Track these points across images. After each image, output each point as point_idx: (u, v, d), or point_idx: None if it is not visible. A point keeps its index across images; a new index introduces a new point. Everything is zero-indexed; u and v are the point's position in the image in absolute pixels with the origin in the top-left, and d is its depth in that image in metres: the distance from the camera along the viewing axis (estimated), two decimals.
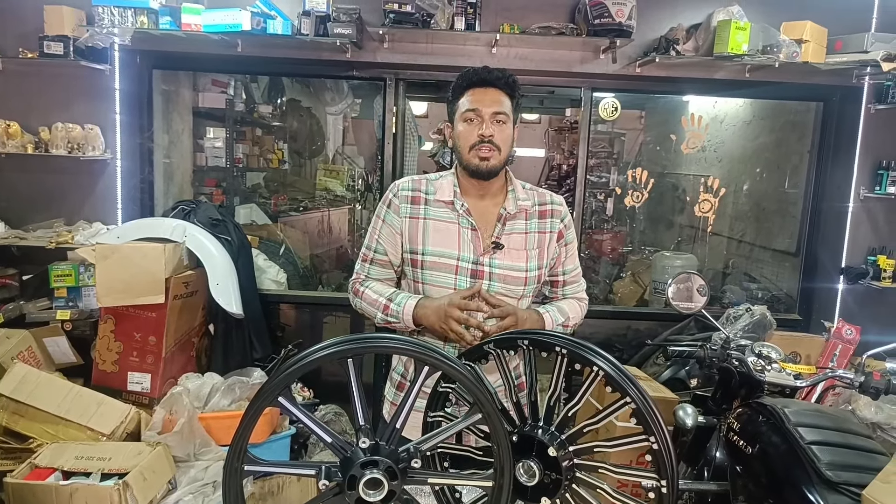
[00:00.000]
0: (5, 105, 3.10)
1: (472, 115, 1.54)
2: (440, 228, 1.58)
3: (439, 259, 1.56)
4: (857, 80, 3.17)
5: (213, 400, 2.57)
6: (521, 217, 1.62)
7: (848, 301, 3.37)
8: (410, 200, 1.61)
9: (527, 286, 1.60)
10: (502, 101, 1.56)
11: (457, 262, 1.56)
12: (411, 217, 1.60)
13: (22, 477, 2.10)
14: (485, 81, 1.56)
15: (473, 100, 1.55)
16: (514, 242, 1.59)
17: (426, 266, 1.57)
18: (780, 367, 1.74)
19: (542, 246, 1.63)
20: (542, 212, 1.64)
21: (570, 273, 1.71)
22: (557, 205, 1.66)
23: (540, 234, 1.63)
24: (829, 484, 1.39)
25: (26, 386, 2.36)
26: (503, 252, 1.58)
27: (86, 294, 2.89)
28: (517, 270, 1.58)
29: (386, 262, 1.65)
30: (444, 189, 1.61)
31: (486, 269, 1.56)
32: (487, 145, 1.53)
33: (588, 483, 1.21)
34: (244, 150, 4.27)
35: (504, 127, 1.56)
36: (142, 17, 2.81)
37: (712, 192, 3.54)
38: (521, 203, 1.62)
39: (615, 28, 2.86)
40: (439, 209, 1.60)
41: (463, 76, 1.59)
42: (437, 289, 1.57)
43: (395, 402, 1.70)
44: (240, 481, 1.12)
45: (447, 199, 1.59)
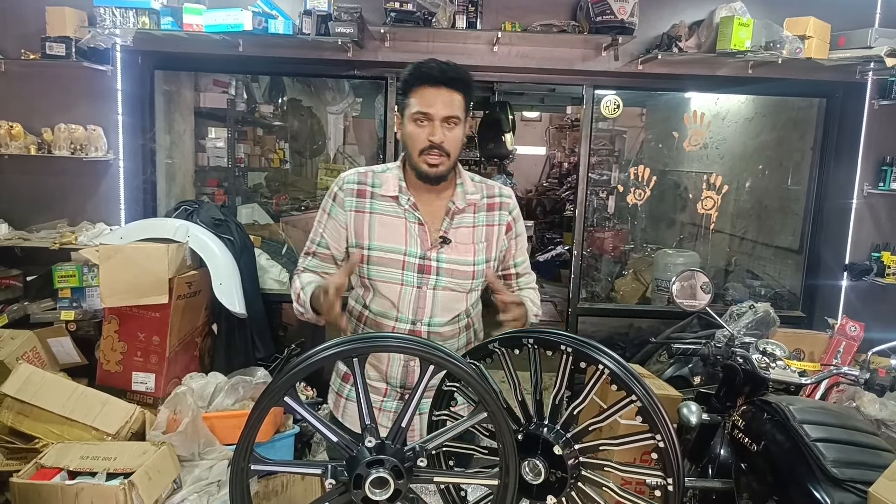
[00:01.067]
0: (8, 106, 3.10)
1: (423, 117, 1.49)
2: (386, 223, 1.55)
3: (385, 254, 1.54)
4: (861, 76, 3.16)
5: (217, 399, 2.57)
6: (470, 211, 1.59)
7: (852, 298, 3.36)
8: (356, 194, 1.57)
9: (475, 280, 1.58)
10: (454, 103, 1.49)
11: (404, 256, 1.53)
12: (357, 211, 1.57)
13: (28, 477, 2.11)
14: (437, 81, 1.48)
15: (425, 102, 1.48)
16: (462, 237, 1.57)
17: (372, 261, 1.55)
18: (784, 365, 1.73)
19: (491, 239, 1.61)
20: (491, 205, 1.62)
21: (521, 265, 1.70)
22: (506, 197, 1.64)
23: (488, 227, 1.61)
24: (835, 481, 1.39)
25: (31, 386, 2.36)
26: (450, 246, 1.55)
27: (90, 294, 2.90)
28: (465, 265, 1.56)
29: (328, 255, 1.62)
30: (389, 183, 1.57)
31: (434, 264, 1.54)
32: (437, 151, 1.49)
33: (594, 481, 1.21)
34: (245, 150, 4.27)
35: (455, 130, 1.51)
36: (143, 17, 2.81)
37: (715, 190, 3.53)
38: (470, 197, 1.59)
39: (617, 25, 2.85)
40: (385, 203, 1.56)
41: (414, 71, 1.51)
42: (385, 284, 1.55)
43: (340, 394, 1.67)
44: (247, 480, 1.12)
45: (392, 193, 1.55)
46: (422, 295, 1.54)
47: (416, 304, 1.54)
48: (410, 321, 1.55)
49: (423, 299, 1.55)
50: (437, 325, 1.57)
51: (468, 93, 1.54)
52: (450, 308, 1.57)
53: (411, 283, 1.54)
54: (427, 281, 1.54)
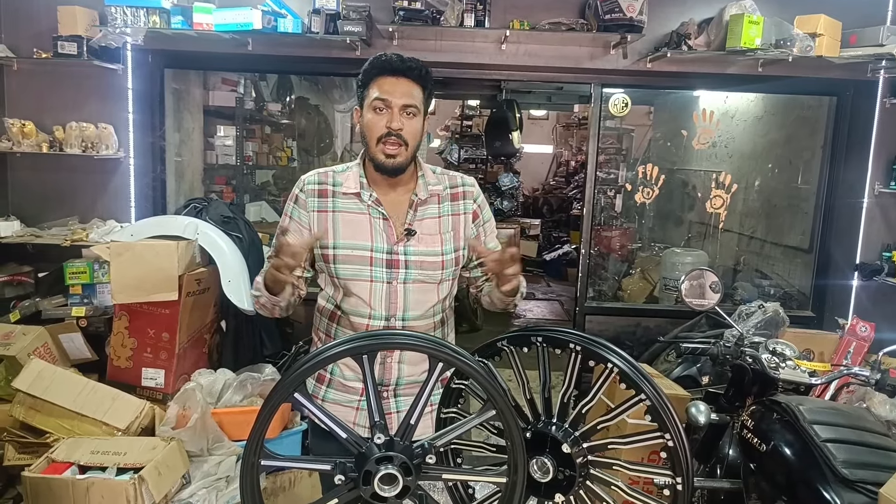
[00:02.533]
0: (20, 105, 3.13)
1: (382, 104, 1.48)
2: (349, 220, 1.54)
3: (352, 252, 1.53)
4: (872, 74, 3.13)
5: (226, 396, 2.59)
6: (434, 202, 1.59)
7: (862, 298, 3.34)
8: (318, 194, 1.57)
9: (444, 270, 1.57)
10: (413, 93, 1.49)
11: (370, 252, 1.52)
12: (319, 211, 1.56)
13: (39, 471, 2.13)
14: (396, 70, 1.48)
15: (383, 90, 1.48)
16: (428, 227, 1.56)
17: (339, 260, 1.54)
18: (794, 365, 1.72)
19: (458, 228, 1.60)
20: (455, 194, 1.62)
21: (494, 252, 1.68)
22: (469, 186, 1.64)
23: (454, 217, 1.60)
24: (845, 482, 1.38)
25: (42, 381, 2.38)
26: (417, 238, 1.54)
27: (100, 291, 2.92)
28: (433, 255, 1.55)
29: None
30: (350, 181, 1.56)
31: (402, 258, 1.53)
32: (395, 139, 1.48)
33: (602, 480, 1.21)
34: (254, 148, 4.30)
35: (414, 120, 1.50)
36: (154, 16, 2.83)
37: (724, 188, 3.51)
38: (432, 188, 1.58)
39: (626, 23, 2.84)
40: (347, 201, 1.56)
41: (374, 62, 1.52)
42: (354, 282, 1.54)
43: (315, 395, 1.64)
44: (257, 476, 1.12)
45: (354, 190, 1.55)
46: (393, 290, 1.53)
47: (388, 299, 1.53)
48: (384, 317, 1.54)
49: (394, 294, 1.53)
50: (411, 318, 1.55)
51: (427, 87, 1.53)
52: (422, 301, 1.56)
53: (381, 279, 1.53)
54: (396, 275, 1.53)
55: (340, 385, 1.62)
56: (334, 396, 1.61)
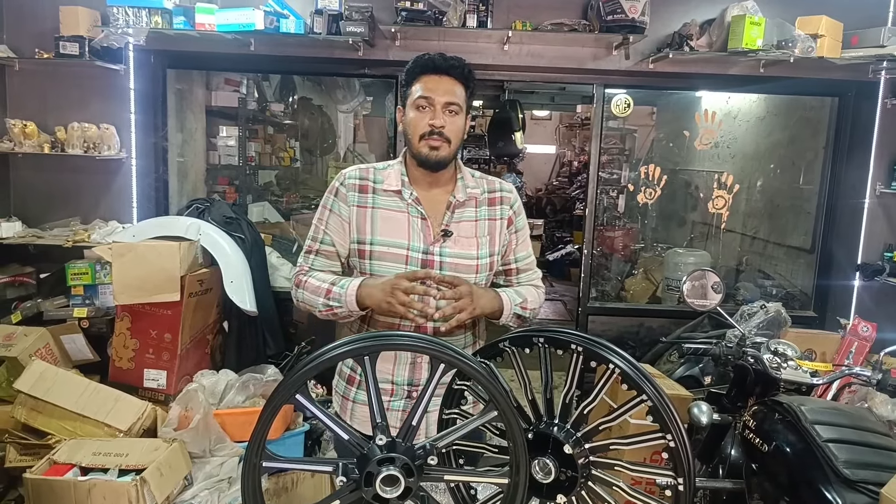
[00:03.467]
0: (22, 105, 3.14)
1: (425, 102, 1.50)
2: (388, 218, 1.55)
3: (388, 249, 1.53)
4: (874, 75, 3.13)
5: (228, 397, 2.59)
6: (471, 205, 1.59)
7: (864, 298, 3.33)
8: (358, 189, 1.57)
9: (478, 274, 1.57)
10: (456, 91, 1.51)
11: (406, 251, 1.53)
12: (359, 206, 1.56)
13: (41, 473, 2.13)
14: (439, 69, 1.51)
15: (427, 87, 1.50)
16: (464, 230, 1.57)
17: (374, 256, 1.54)
18: (796, 365, 1.72)
19: (493, 233, 1.60)
20: (492, 199, 1.62)
21: (523, 260, 1.69)
22: (507, 192, 1.64)
23: (490, 221, 1.61)
24: (847, 482, 1.38)
25: (44, 383, 2.39)
26: (453, 240, 1.55)
27: (102, 292, 2.92)
28: (468, 258, 1.56)
29: (332, 252, 1.60)
30: (391, 178, 1.57)
31: (437, 259, 1.54)
32: (437, 136, 1.50)
33: (604, 480, 1.21)
34: (256, 149, 4.30)
35: (456, 118, 1.52)
36: (156, 17, 2.83)
37: (726, 189, 3.51)
38: (471, 191, 1.59)
39: (628, 24, 2.84)
40: (388, 198, 1.56)
41: (417, 61, 1.54)
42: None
43: (346, 397, 1.67)
44: (258, 477, 1.13)
45: (395, 188, 1.56)
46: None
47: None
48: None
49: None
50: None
51: (469, 86, 1.55)
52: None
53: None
54: None
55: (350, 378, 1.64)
56: (364, 398, 1.63)
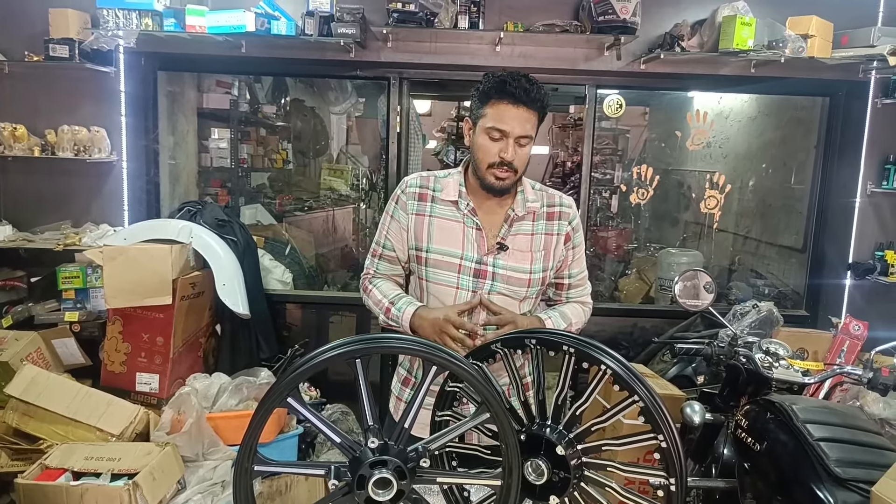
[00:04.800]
0: (11, 108, 3.11)
1: (498, 134, 1.49)
2: (444, 227, 1.58)
3: (442, 258, 1.56)
4: (864, 75, 3.15)
5: (221, 400, 2.58)
6: (529, 219, 1.61)
7: (855, 297, 3.35)
8: (418, 197, 1.61)
9: (530, 288, 1.59)
10: (530, 122, 1.50)
11: (460, 260, 1.56)
12: (417, 214, 1.60)
13: (33, 478, 2.11)
14: (519, 100, 1.47)
15: (503, 117, 1.48)
16: (520, 244, 1.58)
17: (430, 263, 1.58)
18: (787, 364, 1.73)
19: (549, 248, 1.61)
20: (551, 213, 1.63)
21: (575, 276, 1.70)
22: (567, 207, 1.65)
23: (547, 236, 1.62)
24: (838, 481, 1.38)
25: (35, 387, 2.37)
26: (507, 253, 1.57)
27: (94, 295, 2.91)
28: (521, 272, 1.57)
29: (394, 258, 1.65)
30: (450, 188, 1.59)
31: (490, 269, 1.56)
32: (506, 167, 1.51)
33: (596, 481, 1.22)
34: (249, 151, 4.28)
35: (526, 149, 1.53)
36: (146, 19, 2.82)
37: (718, 189, 3.53)
38: (530, 205, 1.60)
39: (619, 25, 2.85)
40: (445, 207, 1.59)
41: (498, 85, 1.48)
42: (440, 287, 1.58)
43: (400, 398, 1.71)
44: (250, 481, 1.12)
45: (452, 198, 1.58)
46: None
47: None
48: None
49: None
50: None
51: (543, 113, 1.54)
52: None
53: (466, 287, 1.56)
54: (482, 286, 1.55)
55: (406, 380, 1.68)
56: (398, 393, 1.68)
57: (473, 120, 1.56)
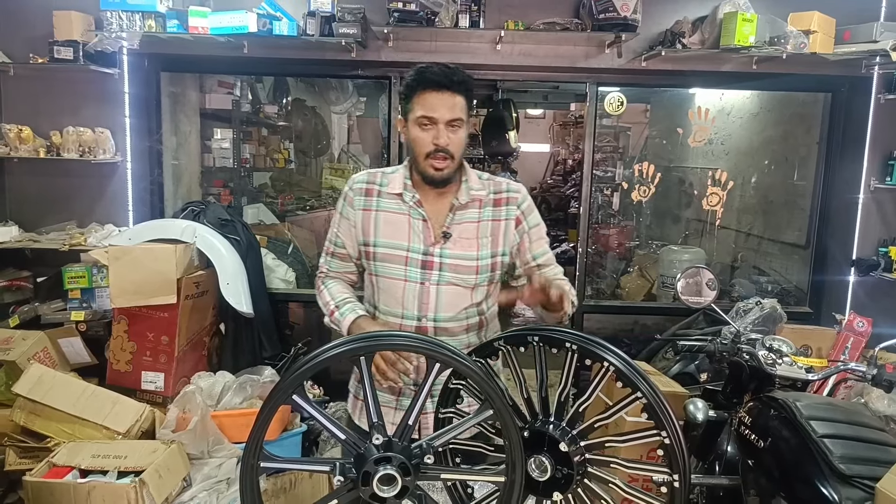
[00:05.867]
0: (17, 110, 3.13)
1: (428, 122, 1.51)
2: (390, 220, 1.59)
3: (389, 251, 1.58)
4: (867, 70, 3.14)
5: (226, 398, 2.59)
6: (475, 206, 1.61)
7: (859, 293, 3.35)
8: (365, 193, 1.62)
9: (479, 275, 1.59)
10: (458, 106, 1.52)
11: (407, 253, 1.56)
12: (364, 209, 1.61)
13: (40, 475, 2.13)
14: (441, 85, 1.50)
15: (429, 105, 1.50)
16: (465, 231, 1.59)
17: (378, 258, 1.59)
18: (791, 361, 1.73)
19: (497, 234, 1.61)
20: (498, 200, 1.63)
21: (542, 257, 1.67)
22: (514, 192, 1.64)
23: (494, 222, 1.61)
24: (842, 477, 1.39)
25: (42, 386, 2.39)
26: (453, 242, 1.57)
27: (99, 295, 2.93)
28: (468, 259, 1.57)
29: (345, 255, 1.67)
30: (395, 182, 1.61)
31: (437, 260, 1.56)
32: (442, 154, 1.52)
33: (600, 478, 1.22)
34: (251, 151, 4.29)
35: (459, 133, 1.54)
36: (149, 20, 2.83)
37: (720, 186, 3.52)
38: (475, 193, 1.60)
39: (620, 22, 2.85)
40: (391, 201, 1.60)
41: (418, 76, 1.52)
42: (389, 280, 1.58)
43: (357, 396, 1.70)
44: (256, 478, 1.13)
45: (398, 191, 1.59)
46: (425, 290, 1.56)
47: (420, 299, 1.57)
48: (416, 317, 1.58)
49: (426, 295, 1.57)
50: (442, 320, 1.58)
51: (469, 95, 1.56)
52: (454, 304, 1.59)
53: (414, 279, 1.56)
54: (430, 276, 1.56)
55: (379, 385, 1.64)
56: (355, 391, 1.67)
57: (405, 117, 1.57)
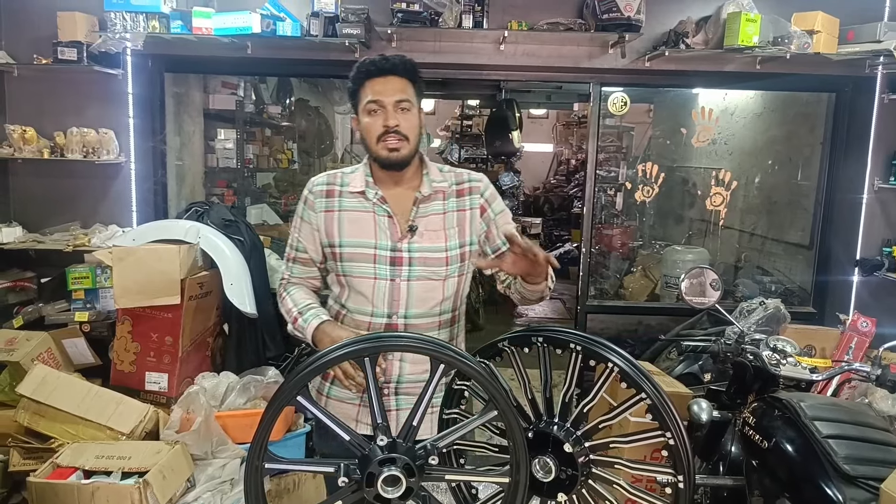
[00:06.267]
0: (21, 110, 3.14)
1: (375, 105, 1.51)
2: (354, 219, 1.57)
3: (356, 250, 1.56)
4: (870, 70, 3.14)
5: (229, 399, 2.60)
6: (438, 198, 1.60)
7: (863, 293, 3.34)
8: (325, 194, 1.60)
9: (449, 266, 1.58)
10: (405, 89, 1.52)
11: (374, 250, 1.55)
12: (326, 211, 1.59)
13: (44, 476, 2.14)
14: (383, 70, 1.51)
15: (375, 90, 1.51)
16: (432, 224, 1.58)
17: (344, 258, 1.57)
18: (795, 361, 1.73)
19: (463, 223, 1.60)
20: (461, 190, 1.62)
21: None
22: (476, 182, 1.64)
23: (459, 213, 1.61)
24: (847, 478, 1.38)
25: (46, 387, 2.39)
26: (420, 235, 1.56)
27: (103, 296, 2.93)
28: (437, 251, 1.56)
29: (307, 259, 1.65)
30: (356, 180, 1.59)
31: (406, 255, 1.55)
32: (394, 135, 1.50)
33: (604, 478, 1.22)
34: (254, 151, 4.30)
35: (409, 115, 1.53)
36: (153, 21, 2.83)
37: (724, 186, 3.52)
38: (437, 185, 1.60)
39: (624, 22, 2.85)
40: (353, 199, 1.59)
41: (360, 67, 1.54)
42: (358, 280, 1.56)
43: (319, 391, 1.67)
44: (261, 479, 1.13)
45: (359, 188, 1.58)
46: (396, 287, 1.55)
47: (391, 296, 1.55)
48: (386, 315, 1.55)
49: (397, 291, 1.55)
50: (413, 316, 1.56)
51: (415, 79, 1.55)
52: (426, 298, 1.57)
53: (384, 276, 1.54)
54: (400, 272, 1.54)
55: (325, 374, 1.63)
56: (337, 393, 1.63)
57: (356, 111, 1.58)
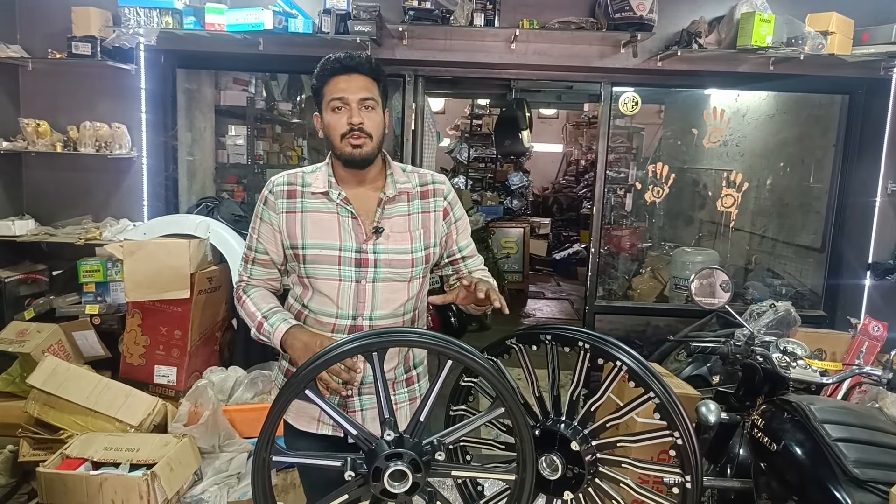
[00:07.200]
0: (35, 104, 3.17)
1: (339, 103, 1.49)
2: (318, 220, 1.54)
3: (321, 252, 1.53)
4: (885, 72, 3.10)
5: (237, 393, 2.62)
6: (403, 199, 1.58)
7: (874, 297, 3.30)
8: (287, 195, 1.56)
9: (414, 268, 1.56)
10: (369, 87, 1.51)
11: (339, 252, 1.52)
12: (288, 212, 1.56)
13: (53, 467, 2.17)
14: (348, 68, 1.50)
15: (339, 88, 1.49)
16: (397, 225, 1.56)
17: (308, 260, 1.54)
18: (805, 364, 1.71)
19: (428, 225, 1.59)
20: (425, 192, 1.61)
21: (466, 248, 1.67)
22: (440, 183, 1.63)
23: (424, 214, 1.59)
24: (856, 482, 1.37)
25: (56, 378, 2.42)
26: (386, 236, 1.54)
27: (114, 289, 2.96)
28: (402, 253, 1.54)
29: (267, 261, 1.61)
30: (318, 180, 1.56)
31: (371, 256, 1.52)
32: (358, 133, 1.49)
33: (611, 477, 1.22)
34: (264, 147, 4.32)
35: (373, 113, 1.51)
36: (167, 17, 2.85)
37: (735, 187, 3.49)
38: (401, 186, 1.58)
39: (636, 22, 2.83)
40: (316, 200, 1.55)
41: (324, 65, 1.52)
42: (323, 281, 1.53)
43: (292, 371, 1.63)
44: (268, 472, 1.14)
45: (322, 189, 1.55)
46: (361, 289, 1.52)
47: (356, 298, 1.52)
48: (351, 316, 1.52)
49: (362, 293, 1.52)
50: (378, 318, 1.54)
51: (380, 79, 1.54)
52: (391, 300, 1.55)
53: (349, 278, 1.52)
54: (365, 274, 1.52)
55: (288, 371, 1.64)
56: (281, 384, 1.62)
57: (319, 109, 1.56)
